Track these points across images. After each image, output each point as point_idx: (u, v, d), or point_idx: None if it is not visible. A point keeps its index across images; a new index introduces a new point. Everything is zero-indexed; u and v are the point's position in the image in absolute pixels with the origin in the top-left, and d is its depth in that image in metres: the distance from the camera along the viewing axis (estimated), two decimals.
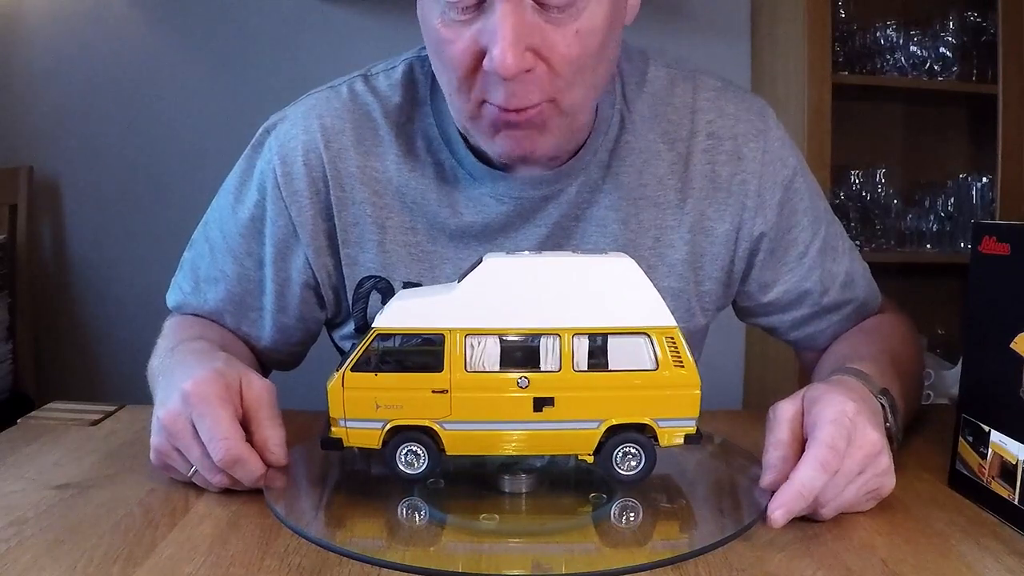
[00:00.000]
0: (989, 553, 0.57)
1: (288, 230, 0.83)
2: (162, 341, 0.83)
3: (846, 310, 0.90)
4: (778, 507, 0.58)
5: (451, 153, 0.82)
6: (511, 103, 0.69)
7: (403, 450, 0.60)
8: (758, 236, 0.85)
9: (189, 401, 0.62)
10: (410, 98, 0.83)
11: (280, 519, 0.59)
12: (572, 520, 0.61)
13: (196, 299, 0.87)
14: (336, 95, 0.84)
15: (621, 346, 0.59)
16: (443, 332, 0.58)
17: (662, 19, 2.09)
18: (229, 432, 0.61)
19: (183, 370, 0.67)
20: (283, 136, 0.83)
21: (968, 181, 2.07)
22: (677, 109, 0.84)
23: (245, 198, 0.85)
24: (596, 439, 0.60)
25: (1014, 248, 0.62)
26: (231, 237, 0.85)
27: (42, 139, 2.14)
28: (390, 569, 0.53)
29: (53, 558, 0.55)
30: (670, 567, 0.53)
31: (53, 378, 2.12)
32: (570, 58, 0.69)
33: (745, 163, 0.84)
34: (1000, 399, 0.62)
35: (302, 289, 0.85)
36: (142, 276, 2.09)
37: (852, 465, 0.60)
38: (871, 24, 2.02)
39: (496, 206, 0.81)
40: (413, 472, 0.60)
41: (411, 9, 0.76)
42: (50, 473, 0.70)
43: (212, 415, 0.62)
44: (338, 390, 0.59)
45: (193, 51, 2.15)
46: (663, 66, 0.86)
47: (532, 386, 0.58)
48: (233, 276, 0.86)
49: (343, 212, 0.82)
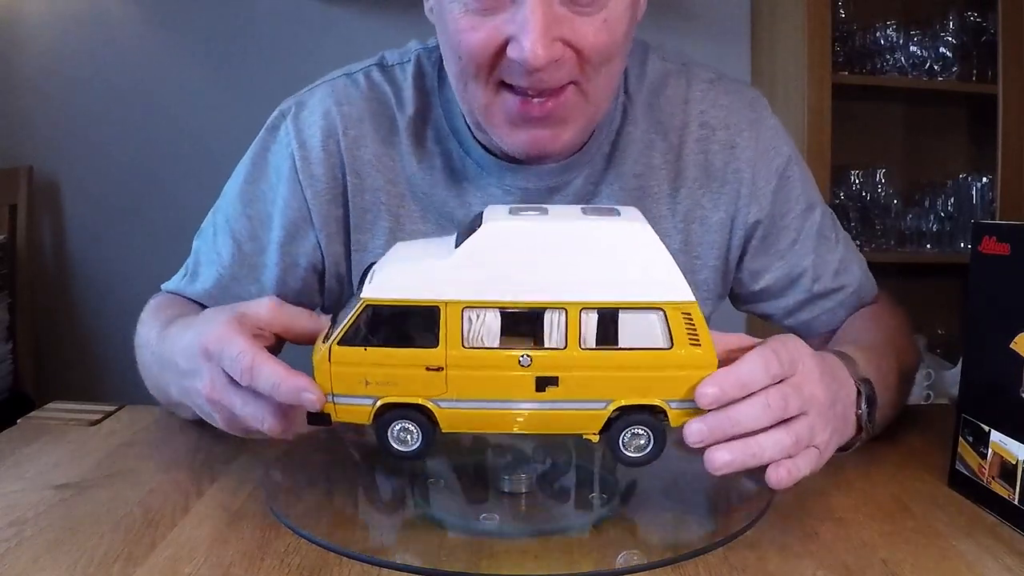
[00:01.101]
0: (989, 553, 0.57)
1: (302, 213, 0.83)
2: (145, 326, 0.80)
3: (838, 297, 0.90)
4: (710, 385, 0.54)
5: (459, 144, 0.83)
6: (536, 86, 0.70)
7: (395, 427, 0.55)
8: (753, 223, 0.87)
9: (209, 356, 0.59)
10: (421, 89, 0.85)
11: (280, 519, 0.59)
12: (572, 520, 0.61)
13: (188, 286, 0.87)
14: (353, 83, 0.85)
15: (633, 322, 0.54)
16: (438, 305, 0.53)
17: (662, 19, 2.09)
18: (243, 345, 0.57)
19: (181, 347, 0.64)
20: (301, 120, 0.84)
21: (968, 181, 2.07)
22: (670, 100, 0.86)
23: (257, 180, 0.85)
24: (602, 420, 0.55)
25: (1014, 248, 0.62)
26: (235, 219, 0.85)
27: (42, 139, 2.14)
28: (390, 569, 0.53)
29: (53, 558, 0.55)
30: (670, 567, 0.53)
31: (53, 378, 2.12)
32: (598, 47, 0.70)
33: (739, 151, 0.85)
34: (1000, 399, 0.62)
35: (307, 273, 0.86)
36: (142, 276, 2.07)
37: (792, 401, 0.56)
38: (871, 24, 2.02)
39: (504, 197, 0.83)
40: (406, 449, 0.56)
41: (411, 9, 0.76)
42: (50, 473, 0.70)
43: (229, 343, 0.57)
44: (325, 364, 0.55)
45: (193, 51, 2.15)
46: (659, 59, 0.88)
47: (535, 365, 0.53)
48: (227, 259, 0.85)
49: (357, 198, 0.83)
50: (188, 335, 0.64)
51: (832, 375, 0.62)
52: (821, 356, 0.62)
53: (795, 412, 0.57)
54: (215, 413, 0.61)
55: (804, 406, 0.57)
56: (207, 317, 0.65)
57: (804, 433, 0.57)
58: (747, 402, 0.55)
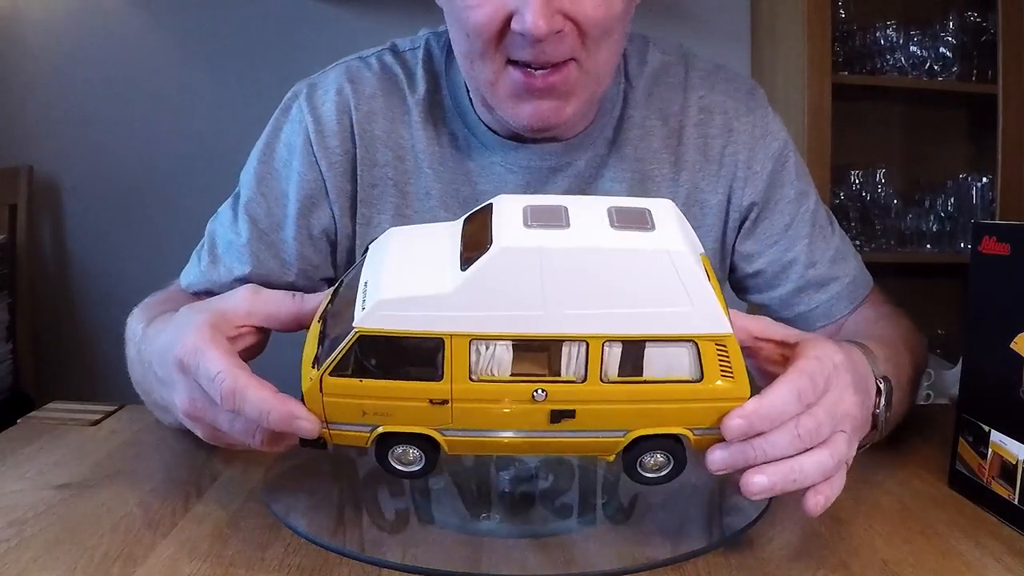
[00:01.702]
0: (989, 553, 0.57)
1: (318, 184, 0.84)
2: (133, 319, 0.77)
3: (834, 288, 0.90)
4: (738, 417, 0.51)
5: (463, 124, 0.85)
6: (540, 58, 0.72)
7: (396, 449, 0.53)
8: (748, 206, 0.88)
9: (184, 369, 0.55)
10: (430, 71, 0.87)
11: (280, 519, 0.59)
12: (572, 520, 0.61)
13: (211, 271, 0.85)
14: (366, 64, 0.88)
15: (661, 355, 0.49)
16: (442, 337, 0.48)
17: (662, 19, 2.09)
18: (221, 364, 0.53)
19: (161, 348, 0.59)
20: (315, 99, 0.85)
21: (968, 181, 2.07)
22: (671, 86, 0.89)
23: (271, 160, 0.86)
24: (620, 446, 0.53)
25: (1014, 248, 0.62)
26: (251, 200, 0.85)
27: (42, 139, 2.13)
28: (390, 569, 0.53)
29: (53, 558, 0.55)
30: (670, 567, 0.53)
31: (53, 378, 2.12)
32: (597, 19, 0.72)
33: (735, 135, 0.88)
34: (1000, 399, 0.62)
35: (324, 244, 0.87)
36: (142, 276, 2.07)
37: (824, 425, 0.53)
38: (871, 24, 2.02)
39: (507, 175, 0.84)
40: (408, 470, 0.54)
41: (411, 8, 0.76)
42: (50, 473, 0.70)
43: (204, 358, 0.54)
44: (316, 395, 0.51)
45: (193, 50, 2.15)
46: (659, 51, 0.91)
47: (550, 398, 0.49)
48: (245, 239, 0.84)
49: (366, 173, 0.85)
50: (162, 339, 0.60)
51: (863, 383, 0.60)
52: (848, 355, 0.60)
53: (827, 436, 0.54)
54: (196, 428, 0.58)
55: (838, 426, 0.55)
56: (182, 320, 0.60)
57: (843, 451, 0.55)
58: (777, 432, 0.52)
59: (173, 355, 0.55)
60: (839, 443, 0.54)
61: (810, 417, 0.53)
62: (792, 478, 0.52)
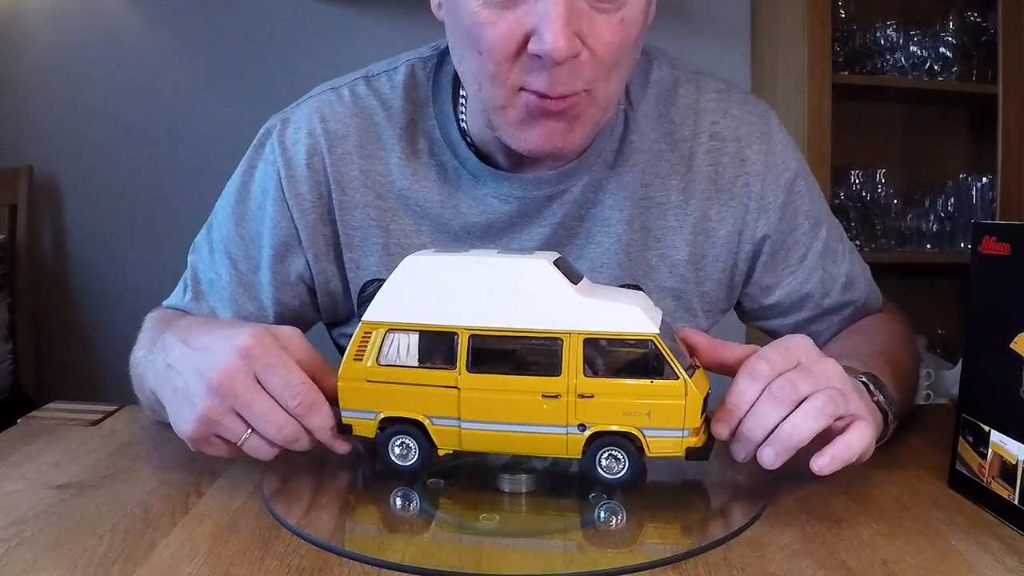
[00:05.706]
0: (989, 553, 0.57)
1: (290, 232, 0.83)
2: (146, 333, 0.81)
3: (846, 312, 0.90)
4: (718, 419, 0.60)
5: (453, 154, 0.82)
6: (555, 90, 0.69)
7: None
8: (761, 238, 0.86)
9: (251, 354, 0.60)
10: (412, 100, 0.83)
11: (280, 519, 0.59)
12: (572, 520, 0.61)
13: (193, 306, 0.86)
14: (338, 98, 0.84)
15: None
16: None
17: (662, 19, 2.06)
18: (303, 377, 0.61)
19: (218, 334, 0.64)
20: (286, 139, 0.83)
21: (968, 181, 2.07)
22: (680, 110, 0.85)
23: (246, 199, 0.85)
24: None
25: (1014, 248, 0.62)
26: (229, 239, 0.85)
27: (42, 139, 2.14)
28: (390, 569, 0.53)
29: (53, 558, 0.55)
30: (670, 567, 0.53)
31: (53, 378, 2.12)
32: (613, 46, 0.69)
33: (748, 165, 0.84)
34: (1000, 399, 0.62)
35: (302, 290, 0.86)
36: (142, 276, 2.09)
37: (800, 382, 0.58)
38: (871, 24, 2.02)
39: (499, 206, 0.81)
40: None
41: (411, 8, 0.76)
42: (50, 473, 0.70)
43: (283, 364, 0.61)
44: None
45: (193, 51, 2.15)
46: (667, 67, 0.87)
47: None
48: (225, 279, 0.85)
49: (345, 216, 0.82)
50: (215, 336, 0.63)
51: (838, 369, 0.63)
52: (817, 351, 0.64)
53: (809, 391, 0.58)
54: (209, 400, 0.60)
55: (819, 384, 0.59)
56: (238, 322, 0.67)
57: (835, 403, 0.58)
58: (756, 405, 0.59)
59: (235, 345, 0.60)
60: (829, 396, 0.58)
61: (781, 379, 0.59)
62: (790, 436, 0.58)
